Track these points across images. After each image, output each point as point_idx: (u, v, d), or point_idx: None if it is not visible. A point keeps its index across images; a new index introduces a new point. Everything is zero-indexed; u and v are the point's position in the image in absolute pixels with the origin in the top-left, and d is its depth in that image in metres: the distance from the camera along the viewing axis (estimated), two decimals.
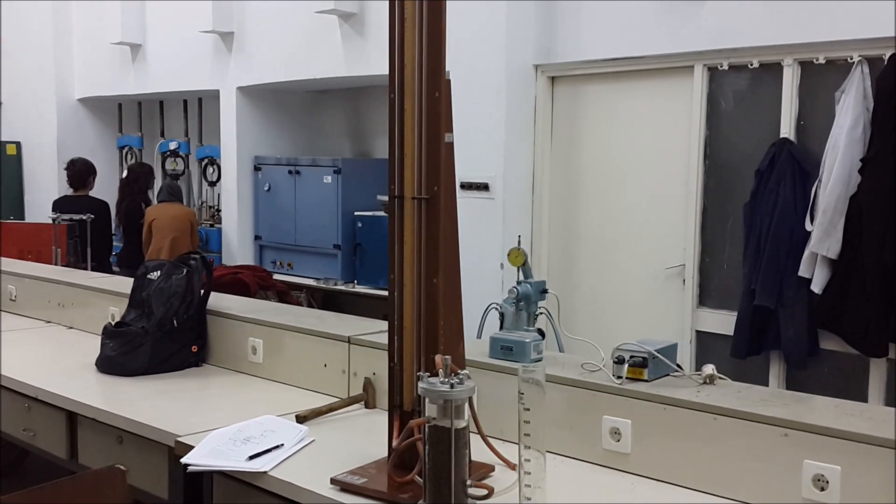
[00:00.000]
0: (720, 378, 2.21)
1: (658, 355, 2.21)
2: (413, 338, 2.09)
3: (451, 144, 2.09)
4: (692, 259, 4.60)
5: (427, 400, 1.85)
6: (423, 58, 2.04)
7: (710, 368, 2.21)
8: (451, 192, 2.13)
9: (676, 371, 2.26)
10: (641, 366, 2.20)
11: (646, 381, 2.20)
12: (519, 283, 2.50)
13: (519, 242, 2.52)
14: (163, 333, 3.21)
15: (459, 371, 1.89)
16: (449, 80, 2.04)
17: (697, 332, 4.62)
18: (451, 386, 1.84)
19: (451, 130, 2.08)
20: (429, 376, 1.89)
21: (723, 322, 4.48)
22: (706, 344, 4.60)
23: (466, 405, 1.88)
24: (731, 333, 4.35)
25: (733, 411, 2.00)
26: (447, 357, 1.90)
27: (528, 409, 1.84)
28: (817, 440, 1.86)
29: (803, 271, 4.04)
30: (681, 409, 2.08)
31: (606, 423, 2.19)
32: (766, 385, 4.26)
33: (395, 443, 2.07)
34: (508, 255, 2.52)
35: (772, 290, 4.12)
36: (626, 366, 2.20)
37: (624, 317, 4.88)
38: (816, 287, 4.00)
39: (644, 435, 2.14)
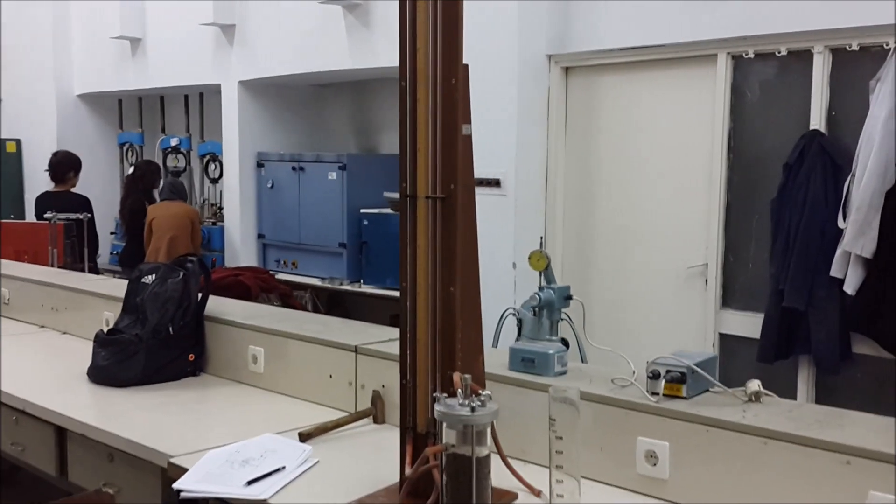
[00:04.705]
0: (766, 394, 2.00)
1: (698, 370, 2.00)
2: (427, 352, 1.89)
3: (469, 137, 1.89)
4: (715, 258, 4.40)
5: (445, 424, 1.66)
6: (438, 42, 1.83)
7: (755, 384, 2.00)
8: (470, 190, 1.93)
9: (717, 387, 2.05)
10: (679, 381, 1.99)
11: (684, 398, 1.99)
12: (541, 288, 2.29)
13: (541, 245, 2.32)
14: (158, 341, 3.02)
15: (480, 391, 1.69)
16: (467, 66, 1.84)
17: (720, 334, 4.42)
18: (472, 409, 1.64)
19: (469, 121, 1.88)
20: (446, 397, 1.70)
21: (748, 324, 4.28)
22: (730, 347, 4.39)
23: (489, 430, 1.68)
24: (757, 336, 4.15)
25: (786, 434, 1.78)
26: (467, 376, 1.70)
27: (561, 438, 1.63)
28: (884, 469, 1.65)
29: (835, 271, 3.83)
30: (725, 430, 1.87)
31: (641, 445, 1.98)
32: (795, 390, 4.08)
33: (408, 470, 1.87)
34: (529, 258, 2.31)
35: (802, 290, 3.91)
36: (663, 381, 2.00)
37: (643, 319, 4.68)
38: (849, 288, 3.79)
39: (684, 459, 1.93)
